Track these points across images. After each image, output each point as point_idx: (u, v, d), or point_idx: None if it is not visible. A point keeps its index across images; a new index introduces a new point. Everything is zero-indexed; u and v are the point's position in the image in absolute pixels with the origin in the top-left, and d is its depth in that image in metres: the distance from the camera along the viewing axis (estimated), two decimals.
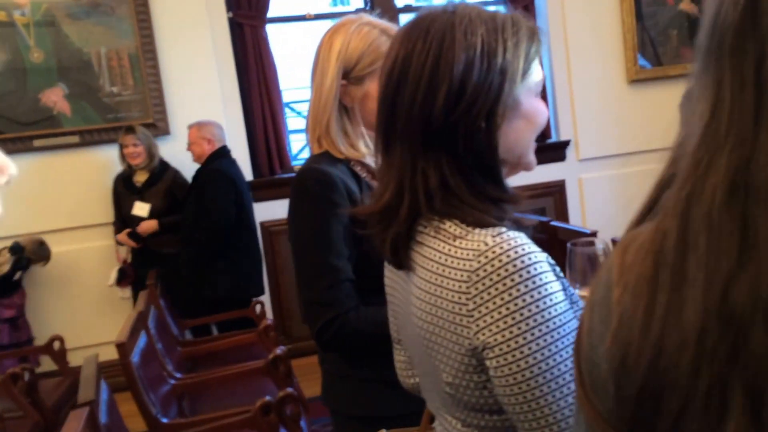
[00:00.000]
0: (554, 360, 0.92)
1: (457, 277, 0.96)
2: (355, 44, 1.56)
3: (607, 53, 5.37)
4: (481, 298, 0.94)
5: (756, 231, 0.47)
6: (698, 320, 0.48)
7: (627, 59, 5.42)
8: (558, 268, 0.96)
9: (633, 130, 5.40)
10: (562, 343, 0.92)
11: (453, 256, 0.98)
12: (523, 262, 0.92)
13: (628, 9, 5.41)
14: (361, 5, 5.27)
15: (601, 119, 5.37)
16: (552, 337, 0.92)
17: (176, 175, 4.46)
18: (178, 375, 2.97)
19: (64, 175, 4.48)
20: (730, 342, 0.47)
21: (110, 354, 3.40)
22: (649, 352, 0.51)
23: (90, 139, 4.52)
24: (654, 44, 5.48)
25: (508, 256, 0.92)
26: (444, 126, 0.98)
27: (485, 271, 0.93)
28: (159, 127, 4.59)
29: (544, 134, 5.16)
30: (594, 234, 3.23)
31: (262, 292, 4.36)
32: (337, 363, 1.61)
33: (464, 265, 0.96)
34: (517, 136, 1.04)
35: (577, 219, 5.34)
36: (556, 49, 5.31)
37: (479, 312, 0.94)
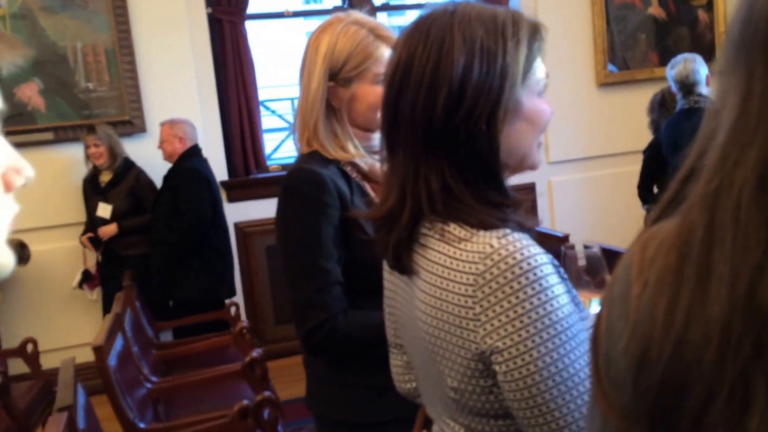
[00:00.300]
0: (563, 363, 0.92)
1: (463, 280, 0.96)
2: (342, 45, 1.53)
3: (577, 56, 5.43)
4: (488, 301, 0.93)
5: None
6: (723, 314, 0.49)
7: (597, 62, 5.49)
8: (562, 270, 0.96)
9: (602, 133, 5.49)
10: (570, 345, 0.93)
11: (458, 258, 0.97)
12: (529, 264, 0.92)
13: (598, 12, 5.48)
14: (338, 3, 5.27)
15: (570, 122, 5.43)
16: (560, 339, 0.92)
17: (140, 174, 4.39)
18: (153, 379, 2.99)
19: (38, 172, 4.36)
20: (755, 336, 0.47)
21: (81, 356, 3.40)
22: (671, 345, 0.51)
23: (64, 135, 4.47)
24: (623, 48, 5.57)
25: (515, 258, 0.92)
26: (445, 130, 0.98)
27: (492, 273, 0.93)
28: (135, 124, 4.55)
29: None
30: (566, 237, 3.29)
31: (233, 294, 4.35)
32: (323, 367, 1.59)
33: (470, 267, 0.95)
34: (519, 137, 1.03)
35: (546, 222, 5.41)
36: None
37: (486, 315, 0.94)
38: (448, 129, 0.98)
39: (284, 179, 1.54)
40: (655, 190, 4.42)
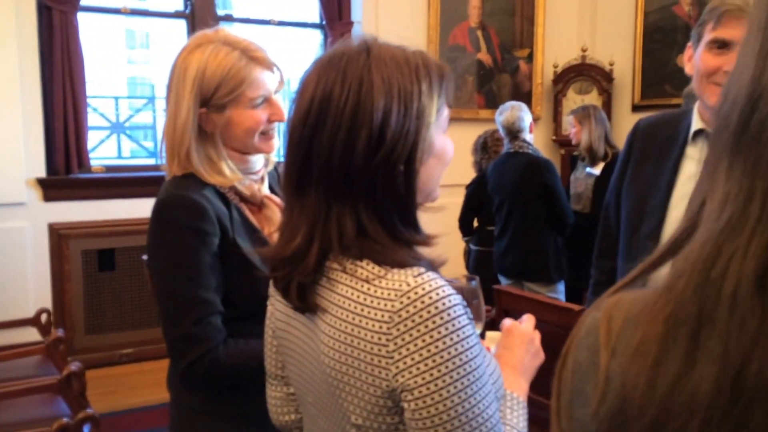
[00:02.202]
0: (470, 403, 0.95)
1: (378, 317, 0.96)
2: (213, 69, 1.45)
3: None
4: (403, 339, 0.94)
5: None
6: (711, 389, 0.52)
7: None
8: (469, 310, 0.99)
9: None
10: (479, 384, 0.96)
11: (373, 295, 0.97)
12: (444, 304, 0.94)
13: (433, 51, 5.76)
14: (180, 8, 5.11)
15: None
16: (469, 380, 0.94)
17: None
18: None
19: None
20: (738, 413, 0.51)
21: None
22: (654, 410, 0.54)
23: None
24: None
25: (431, 298, 0.94)
26: (364, 171, 0.98)
27: (408, 312, 0.94)
28: None
29: None
30: None
31: None
32: (197, 397, 1.52)
33: (385, 305, 0.95)
34: (430, 174, 1.06)
35: None
36: None
37: (399, 353, 0.94)
38: (368, 170, 0.98)
39: (157, 206, 1.46)
40: (475, 224, 4.70)
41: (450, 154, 1.11)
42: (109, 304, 4.66)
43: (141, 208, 4.26)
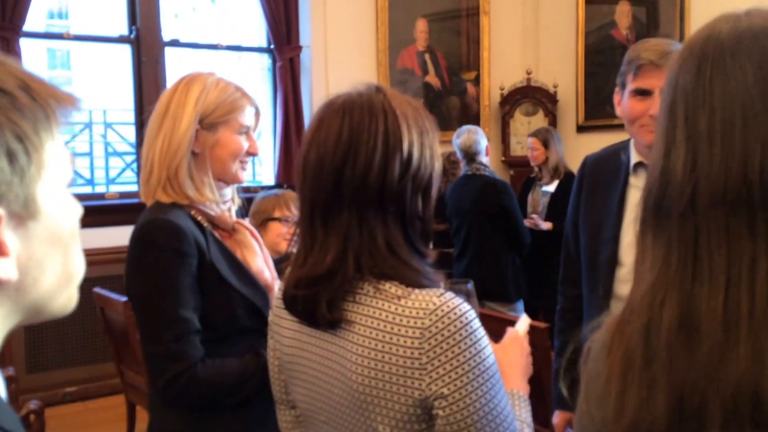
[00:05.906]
0: (494, 403, 1.08)
1: (409, 334, 1.07)
2: (214, 95, 1.61)
3: None
4: (434, 352, 1.05)
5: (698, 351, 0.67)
6: (664, 411, 0.67)
7: None
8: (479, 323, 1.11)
9: None
10: (497, 387, 1.10)
11: (401, 314, 1.08)
12: (467, 318, 1.07)
13: (383, 74, 5.80)
14: (125, 32, 4.97)
15: None
16: (491, 382, 1.08)
17: None
18: None
19: None
20: (695, 410, 0.66)
21: None
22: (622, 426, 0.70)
23: None
24: None
25: (455, 314, 1.06)
26: (396, 190, 1.11)
27: (437, 327, 1.06)
28: None
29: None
30: None
31: None
32: (176, 420, 1.57)
33: (415, 322, 1.07)
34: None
35: None
36: (317, 104, 5.47)
37: (432, 365, 1.06)
38: (398, 189, 1.11)
39: (138, 230, 1.54)
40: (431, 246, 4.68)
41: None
42: (50, 340, 4.46)
43: (82, 238, 4.10)
